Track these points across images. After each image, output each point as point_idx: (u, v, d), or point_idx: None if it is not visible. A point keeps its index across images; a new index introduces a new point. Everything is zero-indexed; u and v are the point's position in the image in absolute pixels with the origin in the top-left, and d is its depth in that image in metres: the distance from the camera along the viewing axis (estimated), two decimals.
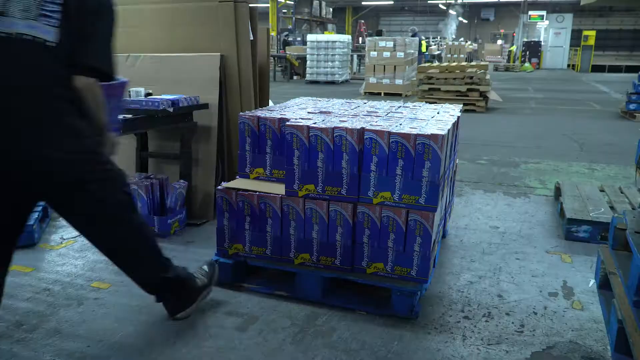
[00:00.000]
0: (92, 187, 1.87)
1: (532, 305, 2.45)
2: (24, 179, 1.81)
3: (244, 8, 3.49)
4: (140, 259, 2.12)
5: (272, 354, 2.03)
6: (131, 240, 2.06)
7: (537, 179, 4.79)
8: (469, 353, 2.06)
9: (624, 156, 5.73)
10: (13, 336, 2.12)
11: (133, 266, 2.12)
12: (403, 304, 2.28)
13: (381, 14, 40.72)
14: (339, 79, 15.14)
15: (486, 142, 6.58)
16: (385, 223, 2.28)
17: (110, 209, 1.95)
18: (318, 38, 15.26)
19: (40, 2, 1.74)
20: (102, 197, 1.91)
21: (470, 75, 9.66)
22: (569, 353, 2.08)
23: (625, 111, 8.95)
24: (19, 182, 1.83)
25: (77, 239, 3.19)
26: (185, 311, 2.25)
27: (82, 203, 1.89)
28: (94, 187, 1.87)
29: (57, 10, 1.75)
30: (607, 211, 3.39)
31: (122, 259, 2.09)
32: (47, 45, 1.74)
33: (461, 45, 23.26)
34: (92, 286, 2.57)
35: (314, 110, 2.80)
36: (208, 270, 2.36)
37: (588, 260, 2.97)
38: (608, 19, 34.80)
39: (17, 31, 1.71)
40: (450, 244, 3.19)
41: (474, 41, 31.78)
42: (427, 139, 2.16)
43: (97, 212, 1.93)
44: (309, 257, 2.43)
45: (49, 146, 1.76)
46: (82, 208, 1.91)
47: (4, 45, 1.72)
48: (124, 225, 2.01)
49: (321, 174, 2.31)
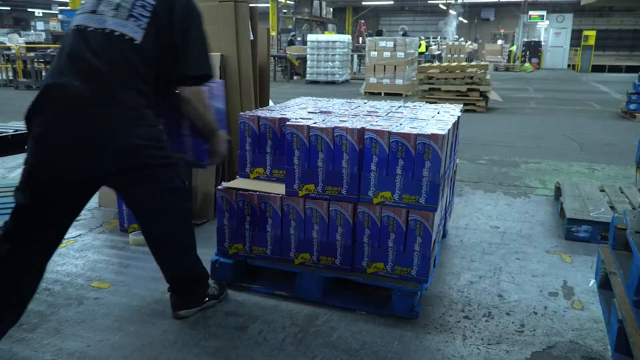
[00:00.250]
0: (154, 171, 1.98)
1: (532, 305, 2.45)
2: (98, 162, 1.88)
3: (244, 8, 3.49)
4: (181, 247, 2.20)
5: (272, 354, 2.03)
6: (178, 226, 2.16)
7: (537, 178, 4.79)
8: (469, 353, 2.06)
9: (624, 156, 5.73)
10: (13, 336, 2.11)
11: (171, 254, 2.20)
12: (403, 303, 2.28)
13: (381, 14, 40.73)
14: (339, 79, 15.13)
15: (486, 142, 6.58)
16: (385, 223, 2.27)
17: (167, 193, 2.05)
18: (318, 38, 15.25)
19: (131, 5, 1.90)
20: (162, 180, 2.02)
21: (470, 75, 9.66)
22: (569, 353, 2.08)
23: (626, 111, 8.94)
24: (94, 166, 1.89)
25: (77, 238, 3.19)
26: (189, 310, 2.28)
27: (143, 185, 2.00)
28: (156, 171, 1.99)
29: (146, 15, 1.91)
30: (608, 211, 3.39)
31: (165, 245, 2.17)
32: (134, 43, 1.88)
33: (461, 45, 23.25)
34: (92, 286, 2.57)
35: (314, 110, 2.80)
36: (219, 288, 2.43)
37: (588, 260, 2.97)
38: (608, 19, 34.81)
39: (108, 27, 1.88)
40: (451, 243, 3.19)
41: (474, 41, 31.77)
42: (428, 139, 2.16)
43: (154, 194, 2.03)
44: (309, 257, 2.43)
45: (124, 132, 1.86)
46: (142, 190, 2.01)
47: (96, 37, 1.87)
48: (175, 211, 2.12)
49: (321, 173, 2.31)
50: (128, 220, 3.23)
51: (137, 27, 1.88)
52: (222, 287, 2.46)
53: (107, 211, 3.68)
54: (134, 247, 3.05)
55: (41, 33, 18.69)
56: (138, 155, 1.91)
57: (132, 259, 2.91)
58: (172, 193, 2.08)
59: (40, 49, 13.62)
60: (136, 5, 1.90)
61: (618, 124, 8.36)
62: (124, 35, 1.87)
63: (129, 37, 1.87)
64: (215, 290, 2.40)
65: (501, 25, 36.60)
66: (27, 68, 12.89)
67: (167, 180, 2.04)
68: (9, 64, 13.46)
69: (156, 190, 2.03)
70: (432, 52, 22.57)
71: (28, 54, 13.02)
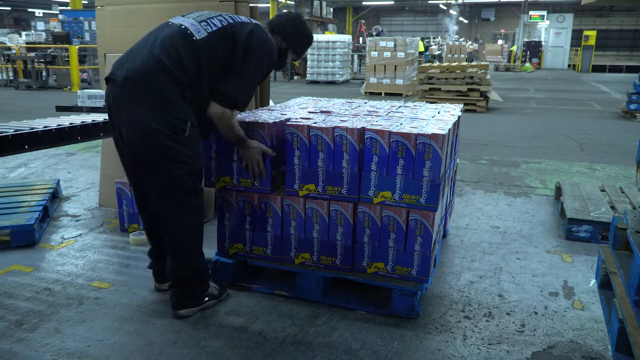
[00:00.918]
0: (165, 162, 2.10)
1: (532, 305, 2.45)
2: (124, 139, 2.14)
3: (244, 8, 3.49)
4: (185, 244, 2.25)
5: (272, 354, 2.03)
6: (183, 223, 2.21)
7: (537, 178, 4.79)
8: (469, 353, 2.06)
9: (625, 156, 5.73)
10: (14, 335, 2.12)
11: (175, 249, 2.26)
12: (403, 303, 2.28)
13: (382, 14, 40.71)
14: (340, 79, 15.13)
15: (487, 142, 6.57)
16: (385, 223, 2.27)
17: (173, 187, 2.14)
18: (318, 38, 15.23)
19: (212, 17, 2.21)
20: (171, 173, 2.12)
21: (470, 75, 9.66)
22: (570, 353, 2.07)
23: (626, 111, 8.94)
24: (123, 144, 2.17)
25: (77, 238, 3.19)
26: (188, 310, 2.29)
27: (153, 172, 2.14)
28: (166, 162, 2.10)
29: (217, 25, 2.18)
30: (608, 211, 3.38)
31: (169, 238, 2.25)
32: (192, 39, 2.11)
33: (461, 45, 23.24)
34: (93, 286, 2.57)
35: (314, 109, 2.80)
36: (219, 288, 2.44)
37: (589, 260, 2.96)
38: (609, 19, 34.80)
39: (183, 24, 2.16)
40: (451, 243, 3.19)
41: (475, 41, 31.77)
42: (428, 139, 2.16)
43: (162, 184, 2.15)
44: (310, 257, 2.42)
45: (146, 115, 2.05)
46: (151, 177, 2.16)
47: (168, 28, 2.16)
48: (181, 207, 2.19)
49: (322, 173, 2.31)
50: (128, 220, 3.23)
51: (203, 29, 2.14)
52: (222, 287, 2.46)
53: (108, 211, 3.68)
54: (135, 247, 3.05)
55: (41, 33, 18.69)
56: (152, 138, 2.05)
57: (133, 258, 2.91)
58: (178, 188, 2.15)
59: (40, 49, 13.62)
60: (216, 17, 2.21)
61: (618, 124, 8.36)
62: (187, 30, 2.13)
63: (190, 32, 2.12)
64: (215, 290, 2.40)
65: (501, 25, 36.59)
66: (27, 68, 12.90)
67: (175, 175, 2.12)
68: (10, 64, 13.47)
69: (164, 181, 2.13)
70: (433, 52, 22.56)
71: (28, 54, 13.03)
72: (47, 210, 3.44)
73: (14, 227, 2.99)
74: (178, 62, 2.07)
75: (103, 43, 3.84)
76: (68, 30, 13.78)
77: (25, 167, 4.96)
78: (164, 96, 2.05)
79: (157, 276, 2.51)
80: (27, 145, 2.28)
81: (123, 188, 3.19)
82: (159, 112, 2.05)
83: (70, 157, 5.43)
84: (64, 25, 14.86)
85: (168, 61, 2.05)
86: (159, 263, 2.47)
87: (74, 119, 2.73)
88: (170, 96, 2.06)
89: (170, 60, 2.06)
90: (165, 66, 2.05)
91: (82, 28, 14.46)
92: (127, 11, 3.73)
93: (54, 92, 11.71)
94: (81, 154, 5.54)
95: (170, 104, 2.06)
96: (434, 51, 22.88)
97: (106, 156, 3.84)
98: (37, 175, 4.67)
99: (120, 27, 3.77)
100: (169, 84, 2.06)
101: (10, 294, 2.48)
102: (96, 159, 5.06)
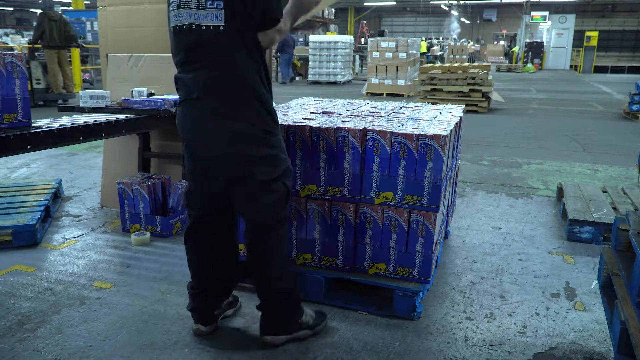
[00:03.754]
0: (254, 167, 1.91)
1: (534, 306, 2.44)
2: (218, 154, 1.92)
3: None
4: (277, 256, 2.07)
5: (274, 354, 2.03)
6: (275, 234, 2.04)
7: (539, 179, 4.79)
8: (471, 354, 2.05)
9: (627, 157, 5.72)
10: (15, 335, 2.12)
11: (264, 262, 2.06)
12: (405, 304, 2.28)
13: (383, 15, 40.73)
14: (341, 80, 15.13)
15: (488, 143, 6.57)
16: (387, 223, 2.27)
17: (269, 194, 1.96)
18: (320, 38, 15.26)
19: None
20: (267, 179, 1.93)
21: (472, 76, 9.65)
22: (572, 354, 2.07)
23: (628, 112, 8.93)
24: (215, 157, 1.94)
25: (79, 238, 3.19)
26: (277, 337, 2.07)
27: (250, 180, 1.92)
28: (256, 167, 1.91)
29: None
30: (610, 212, 3.38)
31: (261, 251, 2.05)
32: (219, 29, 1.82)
33: (463, 45, 23.24)
34: (94, 286, 2.57)
35: (316, 110, 2.80)
36: (316, 317, 2.18)
37: (590, 261, 2.96)
38: (610, 20, 34.77)
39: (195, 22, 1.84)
40: (453, 244, 3.18)
41: (476, 42, 31.75)
42: (430, 139, 2.16)
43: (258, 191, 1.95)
44: (311, 257, 2.42)
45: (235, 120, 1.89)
46: (249, 186, 1.94)
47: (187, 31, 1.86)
48: (276, 216, 2.01)
49: (323, 174, 2.31)
50: (130, 221, 3.23)
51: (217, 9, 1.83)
52: (320, 316, 2.20)
53: (109, 211, 3.68)
54: (136, 247, 3.05)
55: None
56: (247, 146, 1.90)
57: (134, 259, 2.91)
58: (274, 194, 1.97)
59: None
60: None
61: (620, 125, 8.34)
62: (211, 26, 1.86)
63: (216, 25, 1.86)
64: (311, 318, 2.15)
65: (503, 25, 36.58)
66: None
67: (271, 180, 1.95)
68: None
69: (259, 189, 1.95)
70: (434, 52, 22.56)
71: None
72: (49, 210, 3.44)
73: (15, 227, 2.99)
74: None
75: (105, 43, 3.85)
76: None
77: (27, 167, 4.97)
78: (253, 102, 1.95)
79: (203, 316, 2.16)
80: (29, 145, 2.28)
81: (125, 188, 3.19)
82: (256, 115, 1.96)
83: (72, 157, 5.44)
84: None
85: None
86: (208, 301, 2.16)
87: (76, 119, 2.73)
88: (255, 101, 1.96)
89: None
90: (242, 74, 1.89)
91: (84, 28, 14.46)
92: (129, 12, 3.74)
93: None
94: (83, 154, 5.54)
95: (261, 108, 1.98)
96: (436, 52, 22.90)
97: (108, 156, 3.84)
98: (39, 175, 4.68)
99: (123, 27, 3.78)
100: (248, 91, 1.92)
101: (12, 293, 2.48)
102: (98, 159, 5.07)
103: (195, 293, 2.15)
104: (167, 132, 3.54)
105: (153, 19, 3.71)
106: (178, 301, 2.42)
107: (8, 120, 2.25)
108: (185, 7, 1.86)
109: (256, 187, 1.94)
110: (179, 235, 3.23)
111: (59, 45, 9.15)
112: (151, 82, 3.43)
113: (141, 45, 3.67)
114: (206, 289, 2.14)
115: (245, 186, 1.95)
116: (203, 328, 2.15)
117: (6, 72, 2.22)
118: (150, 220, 3.19)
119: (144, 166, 3.57)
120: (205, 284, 2.15)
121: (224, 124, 1.89)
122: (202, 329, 2.14)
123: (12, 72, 2.24)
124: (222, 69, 1.87)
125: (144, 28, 3.72)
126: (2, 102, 2.21)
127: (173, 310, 2.34)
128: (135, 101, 3.01)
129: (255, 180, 1.92)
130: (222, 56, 1.86)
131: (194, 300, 2.16)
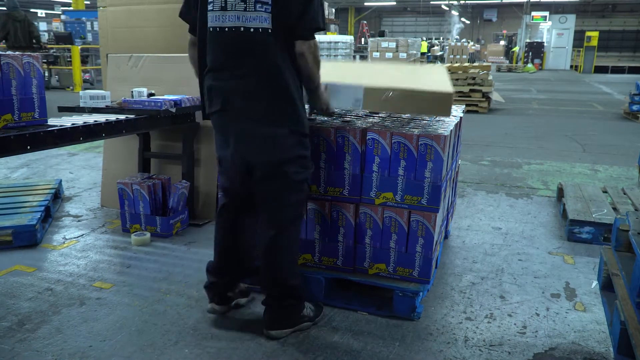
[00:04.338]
0: (290, 168, 2.02)
1: (534, 306, 2.44)
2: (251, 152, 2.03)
3: None
4: (290, 252, 2.16)
5: (273, 354, 2.03)
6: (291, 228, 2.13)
7: (539, 180, 4.79)
8: (470, 354, 2.05)
9: (627, 157, 5.72)
10: (15, 336, 2.12)
11: (281, 258, 2.14)
12: (405, 304, 2.28)
13: (383, 15, 40.73)
14: None
15: (488, 143, 6.57)
16: (387, 224, 2.27)
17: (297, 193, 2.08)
18: (320, 38, 15.25)
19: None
20: (294, 178, 2.04)
21: (472, 76, 9.65)
22: (572, 355, 2.07)
23: (628, 112, 8.93)
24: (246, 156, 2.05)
25: (79, 239, 3.19)
26: (283, 331, 2.13)
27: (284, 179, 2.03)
28: (291, 168, 2.03)
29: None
30: (610, 212, 3.38)
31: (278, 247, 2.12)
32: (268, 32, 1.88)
33: (463, 46, 23.21)
34: (94, 286, 2.58)
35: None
36: (314, 309, 2.27)
37: (590, 261, 2.96)
38: (611, 20, 34.76)
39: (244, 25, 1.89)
40: (453, 245, 3.18)
41: (477, 42, 31.74)
42: (430, 140, 2.16)
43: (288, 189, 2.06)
44: (311, 258, 2.42)
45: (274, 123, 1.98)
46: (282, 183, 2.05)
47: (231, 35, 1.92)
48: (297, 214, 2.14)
49: (323, 174, 2.31)
50: (130, 221, 3.23)
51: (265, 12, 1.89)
52: (318, 307, 2.30)
53: (110, 211, 3.69)
54: (136, 248, 3.05)
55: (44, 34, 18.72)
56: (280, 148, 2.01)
57: (134, 259, 2.91)
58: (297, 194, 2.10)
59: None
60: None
61: (621, 125, 8.34)
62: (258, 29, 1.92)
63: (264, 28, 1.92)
64: (310, 311, 2.24)
65: (503, 26, 36.57)
66: None
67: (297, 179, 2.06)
68: None
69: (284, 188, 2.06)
70: (435, 52, 22.55)
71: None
72: (49, 210, 3.45)
73: (16, 227, 3.00)
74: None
75: (105, 43, 3.85)
76: (70, 31, 13.78)
77: (27, 168, 4.97)
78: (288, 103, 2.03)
79: (217, 295, 2.27)
80: (29, 146, 2.28)
81: (125, 188, 3.19)
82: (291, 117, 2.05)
83: (72, 157, 5.44)
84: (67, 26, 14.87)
85: None
86: (224, 279, 2.26)
87: (76, 119, 2.73)
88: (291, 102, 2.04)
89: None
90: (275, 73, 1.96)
91: (85, 28, 14.46)
92: (129, 12, 3.74)
93: (57, 92, 11.71)
94: (83, 155, 5.54)
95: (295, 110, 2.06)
96: (436, 52, 22.88)
97: (108, 156, 3.84)
98: (39, 176, 4.68)
99: (123, 27, 3.78)
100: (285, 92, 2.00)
101: (12, 294, 2.48)
102: (98, 159, 5.07)
103: (215, 268, 2.28)
104: (167, 132, 3.54)
105: (153, 19, 3.71)
106: (178, 301, 2.42)
107: (25, 118, 2.33)
108: (232, 9, 1.88)
109: (288, 186, 2.06)
110: (179, 236, 3.24)
111: (23, 46, 9.23)
112: (151, 82, 3.43)
113: (141, 45, 3.67)
114: (224, 266, 2.27)
115: (278, 183, 2.05)
116: (217, 307, 2.26)
117: (24, 72, 2.28)
118: (150, 220, 3.19)
119: (144, 166, 3.57)
120: (225, 261, 2.27)
121: (270, 130, 1.98)
122: (216, 307, 2.26)
123: (29, 72, 2.32)
124: (267, 77, 1.92)
125: (144, 28, 3.73)
126: (20, 101, 2.28)
127: (173, 311, 2.34)
128: (136, 101, 3.01)
129: (289, 179, 2.04)
130: (267, 61, 1.91)
131: (212, 275, 2.28)
